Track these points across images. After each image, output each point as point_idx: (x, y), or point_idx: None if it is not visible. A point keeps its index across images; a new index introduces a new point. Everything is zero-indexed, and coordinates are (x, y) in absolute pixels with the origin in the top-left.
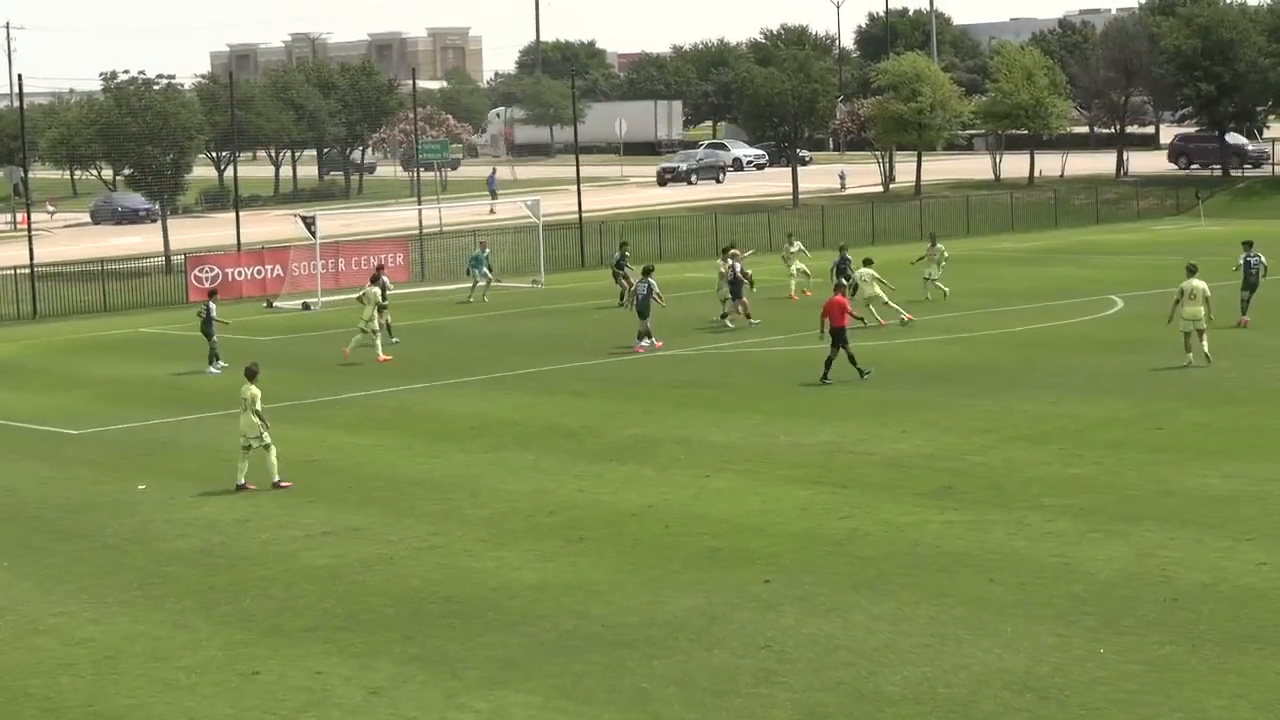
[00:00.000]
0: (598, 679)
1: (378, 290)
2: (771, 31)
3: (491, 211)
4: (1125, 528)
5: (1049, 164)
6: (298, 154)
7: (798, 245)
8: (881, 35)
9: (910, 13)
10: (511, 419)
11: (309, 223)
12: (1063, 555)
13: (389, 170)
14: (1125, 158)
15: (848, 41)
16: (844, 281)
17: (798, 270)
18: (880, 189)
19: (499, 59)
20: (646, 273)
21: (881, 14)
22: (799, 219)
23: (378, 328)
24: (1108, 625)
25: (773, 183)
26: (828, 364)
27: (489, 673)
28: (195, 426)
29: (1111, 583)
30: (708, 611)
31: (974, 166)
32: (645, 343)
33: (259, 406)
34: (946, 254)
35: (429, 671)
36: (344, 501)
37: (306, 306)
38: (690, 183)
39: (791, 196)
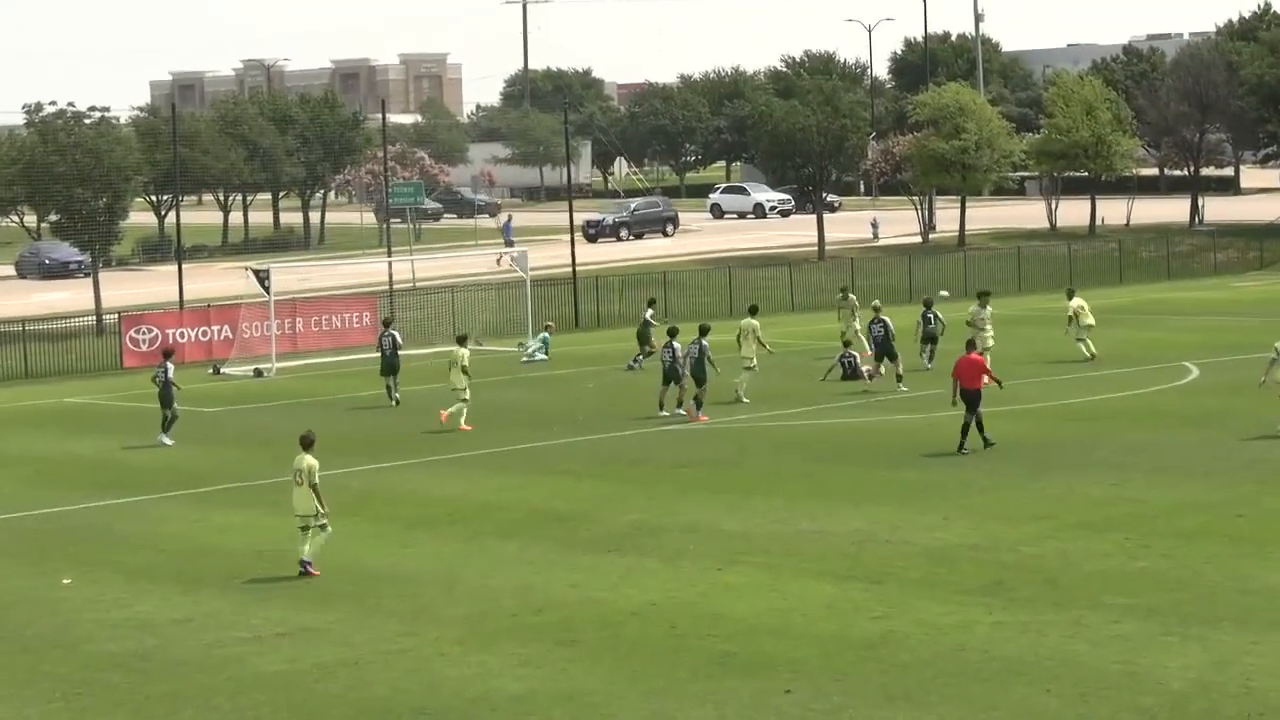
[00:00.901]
0: None
1: (466, 351)
2: (794, 59)
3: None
4: (1201, 630)
5: (1113, 211)
6: (250, 198)
7: (852, 299)
8: (920, 63)
9: (953, 38)
10: (494, 503)
11: (262, 277)
12: (1128, 662)
13: (354, 216)
14: (1201, 204)
15: (881, 70)
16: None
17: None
18: (919, 239)
19: (481, 90)
20: (703, 332)
21: (920, 39)
22: (825, 273)
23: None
24: None
25: (796, 232)
26: (964, 431)
27: None
28: (130, 511)
29: (1186, 694)
30: None
31: (1026, 213)
32: (703, 411)
33: (317, 479)
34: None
35: None
36: (301, 598)
37: (259, 373)
38: (620, 239)
39: (817, 248)
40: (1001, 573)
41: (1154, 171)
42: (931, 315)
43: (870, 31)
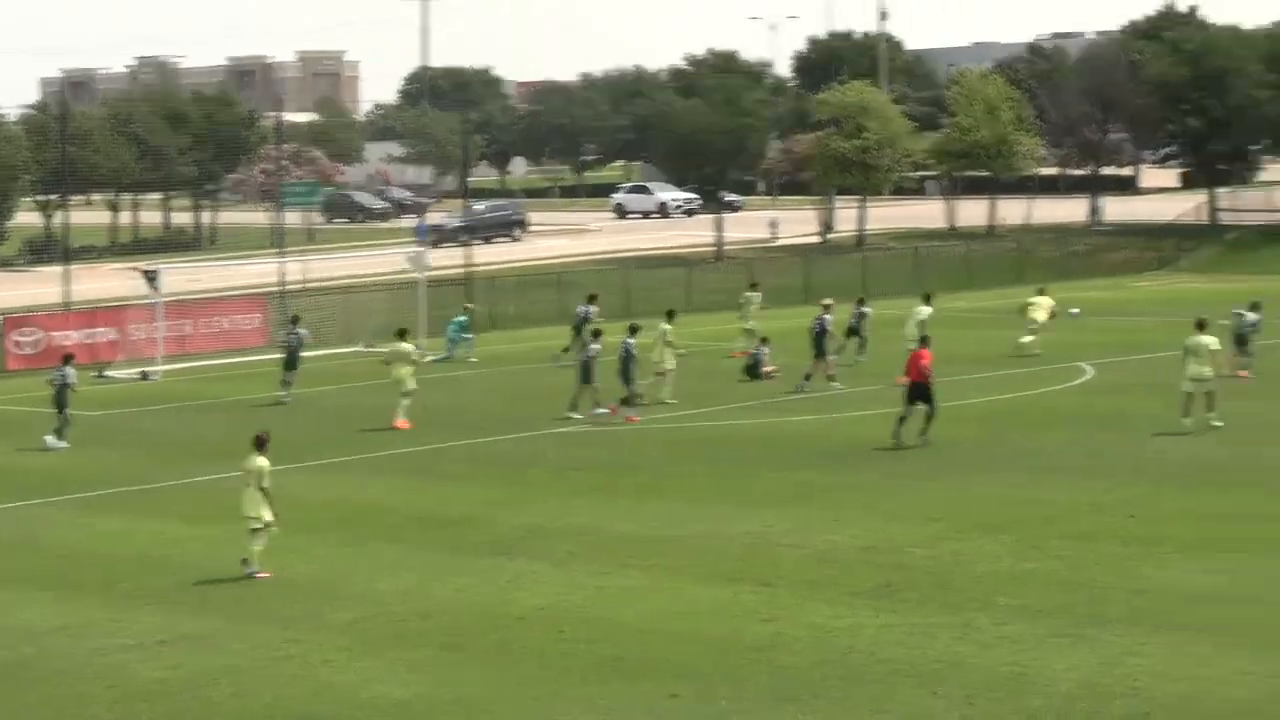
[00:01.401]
0: None
1: (410, 347)
2: (697, 57)
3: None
4: (1090, 631)
5: (1012, 211)
6: (140, 197)
7: (753, 296)
8: (824, 62)
9: (857, 36)
10: (380, 506)
11: (151, 277)
12: (1016, 664)
13: (248, 216)
14: (1100, 204)
15: (784, 69)
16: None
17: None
18: (817, 239)
19: (379, 88)
20: (632, 331)
21: (824, 37)
22: (722, 274)
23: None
24: None
25: (696, 232)
26: (910, 421)
27: None
28: (11, 517)
29: (1073, 696)
30: None
31: (926, 213)
32: (635, 411)
33: (266, 484)
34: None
35: None
36: (182, 604)
37: (145, 376)
38: (463, 243)
39: (715, 248)
40: (893, 575)
41: (1054, 171)
42: (860, 313)
43: (774, 30)
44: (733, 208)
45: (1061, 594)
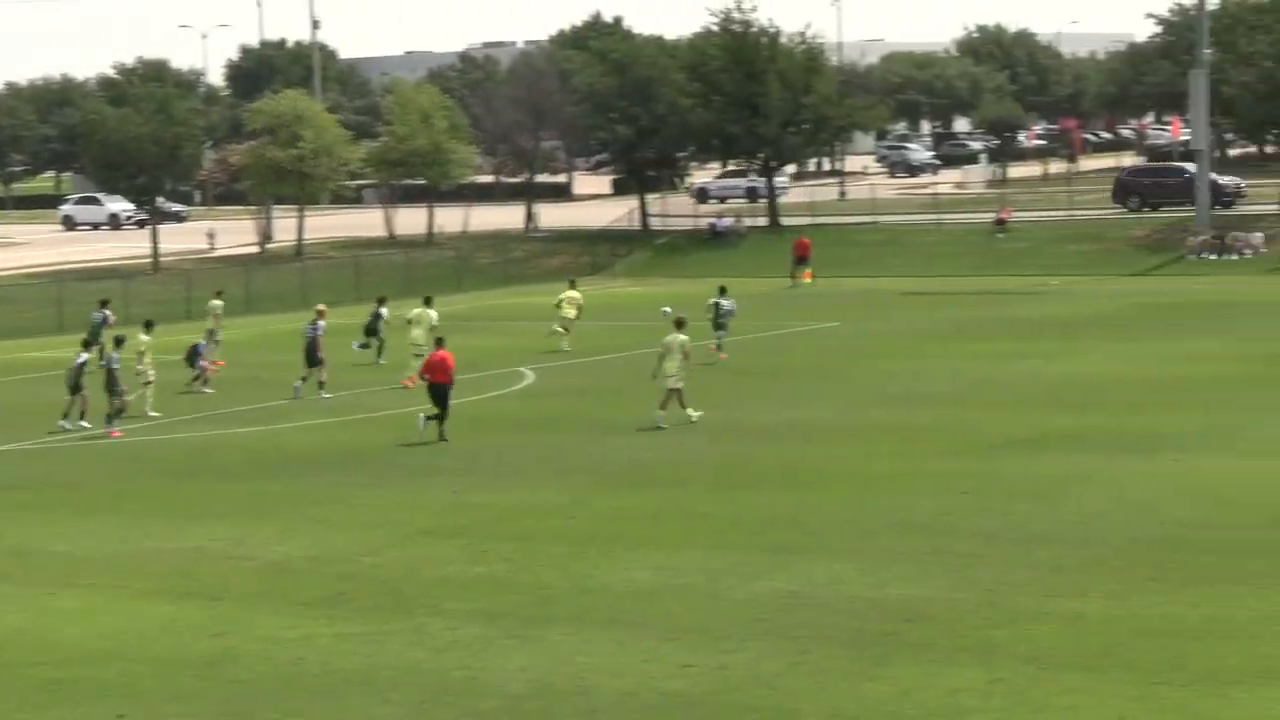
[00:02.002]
0: None
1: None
2: (127, 66)
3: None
4: (538, 632)
5: (451, 219)
6: None
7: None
8: (257, 70)
9: (290, 44)
10: None
11: None
12: (468, 667)
13: None
14: (535, 210)
15: (217, 78)
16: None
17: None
18: (257, 249)
19: None
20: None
21: (256, 46)
22: (159, 285)
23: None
24: None
25: (135, 244)
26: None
27: None
28: None
29: (522, 696)
30: None
31: (365, 222)
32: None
33: None
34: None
35: None
36: None
37: None
38: None
39: (151, 260)
40: (343, 584)
41: (490, 179)
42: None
43: (205, 39)
44: (178, 218)
45: (510, 595)
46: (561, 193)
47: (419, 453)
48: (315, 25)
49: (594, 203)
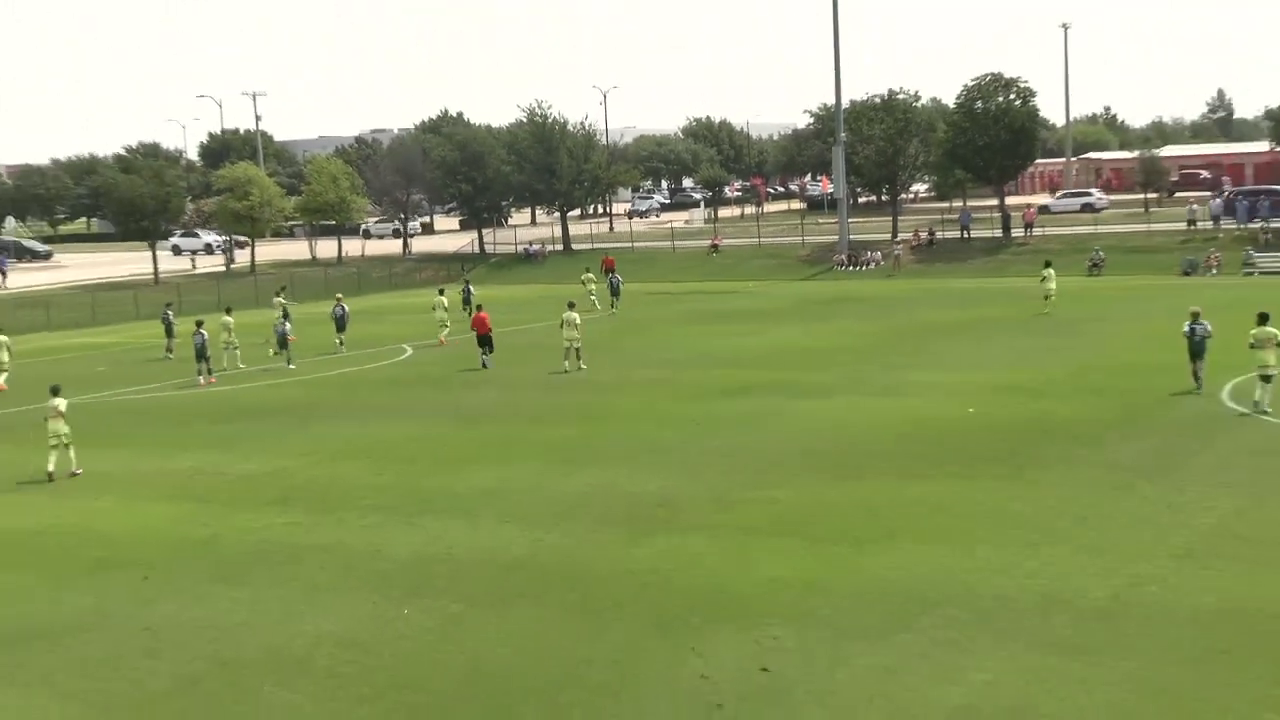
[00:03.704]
0: None
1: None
2: (131, 146)
3: None
4: (419, 520)
5: (353, 247)
6: None
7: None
8: (220, 149)
9: (241, 131)
10: None
11: None
12: (372, 543)
13: None
14: (409, 240)
15: (194, 154)
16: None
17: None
18: (224, 268)
19: None
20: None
21: (219, 132)
22: (162, 293)
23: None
24: (410, 594)
25: (138, 266)
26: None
27: None
28: None
29: (409, 562)
30: (98, 609)
31: (296, 249)
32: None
33: None
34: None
35: None
36: None
37: None
38: None
39: (153, 276)
40: (289, 491)
41: (380, 220)
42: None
43: (184, 128)
44: (209, 249)
45: (399, 496)
46: (427, 229)
47: (330, 406)
48: (258, 119)
49: (448, 235)
